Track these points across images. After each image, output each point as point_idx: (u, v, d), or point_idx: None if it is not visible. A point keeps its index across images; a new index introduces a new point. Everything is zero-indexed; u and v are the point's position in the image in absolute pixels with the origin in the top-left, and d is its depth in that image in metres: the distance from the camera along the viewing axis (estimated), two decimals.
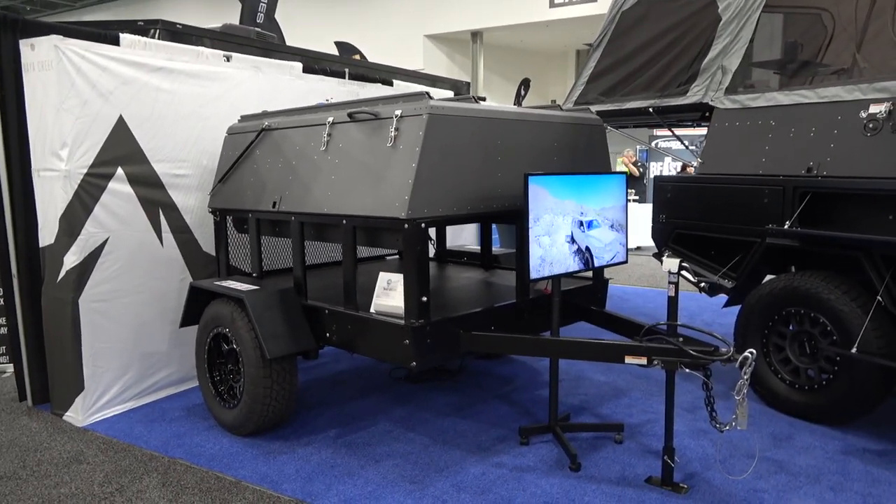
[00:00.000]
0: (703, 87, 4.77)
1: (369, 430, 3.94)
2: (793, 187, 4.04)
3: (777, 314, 4.09)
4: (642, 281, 8.94)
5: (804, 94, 4.15)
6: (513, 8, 15.07)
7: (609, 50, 5.59)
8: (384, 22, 16.76)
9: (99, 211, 4.06)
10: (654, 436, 3.81)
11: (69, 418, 4.10)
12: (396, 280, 3.34)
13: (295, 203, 3.77)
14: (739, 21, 4.60)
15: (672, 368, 3.11)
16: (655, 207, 4.95)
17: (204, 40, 5.15)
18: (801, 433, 3.83)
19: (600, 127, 4.30)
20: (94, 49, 4.02)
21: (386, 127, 3.30)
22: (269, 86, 5.03)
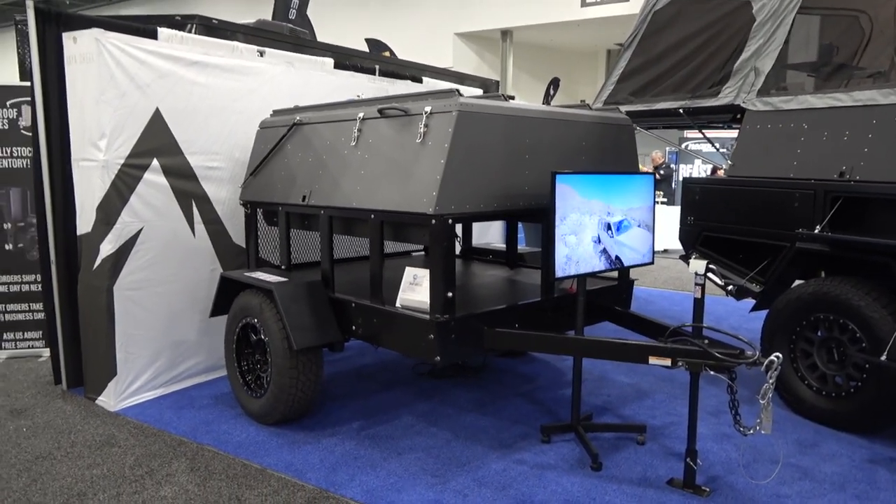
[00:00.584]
0: (735, 89, 4.72)
1: (392, 424, 3.99)
2: (824, 191, 3.99)
3: (805, 320, 4.05)
4: (669, 284, 8.87)
5: (838, 98, 4.09)
6: (544, 7, 15.00)
7: (640, 50, 5.56)
8: (414, 20, 16.80)
9: (134, 201, 4.17)
10: (677, 438, 3.80)
11: (102, 402, 4.22)
12: (422, 275, 3.38)
13: (324, 197, 3.83)
14: (774, 22, 4.55)
15: (696, 370, 3.10)
16: (683, 209, 4.92)
17: (238, 35, 5.24)
18: (828, 440, 3.79)
19: (629, 127, 4.29)
20: (133, 43, 4.12)
21: (415, 123, 3.34)
22: (301, 81, 5.10)
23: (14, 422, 3.99)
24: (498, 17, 15.81)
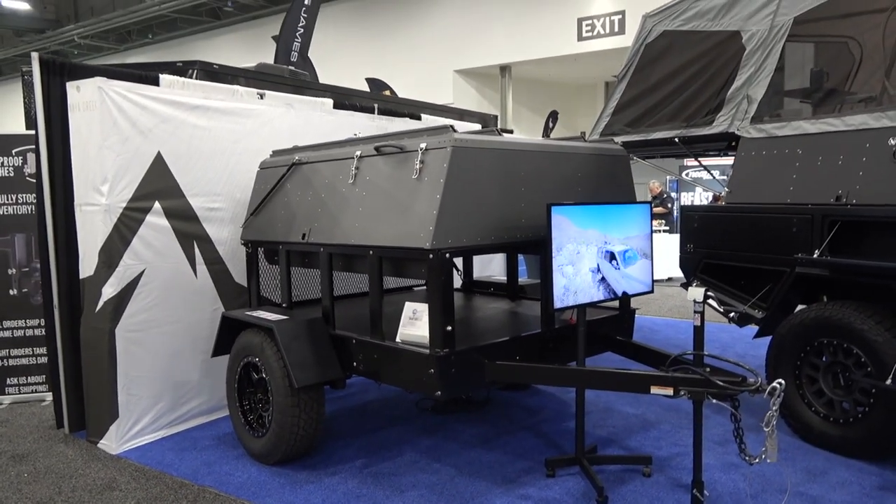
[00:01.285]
0: (728, 117, 4.77)
1: (395, 461, 3.95)
2: (822, 216, 4.00)
3: (809, 345, 4.02)
4: (673, 312, 8.83)
5: (831, 123, 4.13)
6: (541, 42, 15.26)
7: (634, 82, 5.64)
8: (415, 58, 17.11)
9: (136, 243, 4.21)
10: (683, 469, 3.74)
11: (104, 446, 4.20)
12: (422, 310, 3.39)
13: (323, 234, 3.86)
14: (764, 51, 4.62)
15: (699, 399, 3.07)
16: (683, 237, 4.93)
17: (239, 79, 5.35)
18: (837, 468, 3.73)
19: (624, 157, 4.33)
20: (135, 89, 4.21)
21: (411, 160, 3.38)
22: (301, 121, 5.19)
23: (16, 467, 3.97)
24: (496, 53, 16.09)
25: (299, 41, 10.35)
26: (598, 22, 14.49)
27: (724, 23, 4.92)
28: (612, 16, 14.25)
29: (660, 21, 5.43)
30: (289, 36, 10.30)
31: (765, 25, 4.63)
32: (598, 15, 14.47)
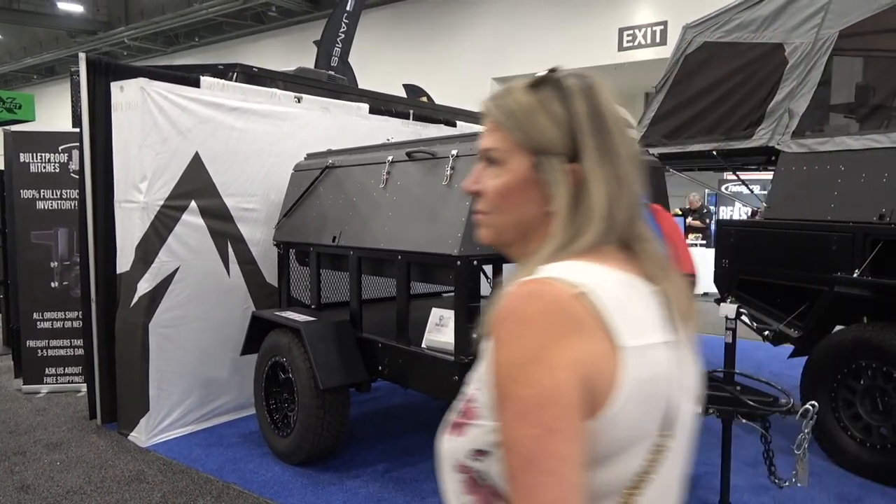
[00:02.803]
0: (769, 131, 4.68)
1: (418, 466, 3.94)
2: (863, 234, 3.88)
3: (847, 367, 3.90)
4: (707, 328, 8.62)
5: (876, 139, 4.01)
6: (581, 51, 15.19)
7: (672, 93, 5.56)
8: (453, 65, 17.18)
9: (172, 241, 4.30)
10: (711, 489, 3.65)
11: (134, 438, 4.29)
12: (448, 316, 3.38)
13: (353, 238, 3.89)
14: (807, 64, 4.52)
15: (728, 418, 3.00)
16: (718, 252, 4.84)
17: (277, 82, 5.44)
18: (873, 495, 3.60)
19: (660, 169, 4.27)
20: (176, 90, 4.31)
21: (442, 166, 3.39)
22: (336, 125, 5.24)
23: (49, 455, 4.08)
24: (536, 61, 16.02)
25: (340, 46, 10.50)
26: (640, 32, 14.36)
27: (766, 35, 4.82)
28: (654, 26, 14.11)
29: (701, 32, 5.36)
30: (330, 41, 10.45)
31: (809, 38, 4.53)
32: (640, 25, 14.34)
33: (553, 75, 0.91)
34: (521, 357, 0.73)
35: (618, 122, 0.89)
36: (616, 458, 0.75)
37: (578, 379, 0.72)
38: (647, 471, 0.78)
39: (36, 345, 5.37)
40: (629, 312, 0.78)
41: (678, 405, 0.81)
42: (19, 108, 9.64)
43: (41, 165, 5.34)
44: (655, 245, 0.89)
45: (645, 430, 0.77)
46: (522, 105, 0.89)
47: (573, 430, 0.71)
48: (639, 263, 0.86)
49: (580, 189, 0.85)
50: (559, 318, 0.74)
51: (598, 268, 0.80)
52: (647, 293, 0.84)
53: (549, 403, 0.71)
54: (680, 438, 0.82)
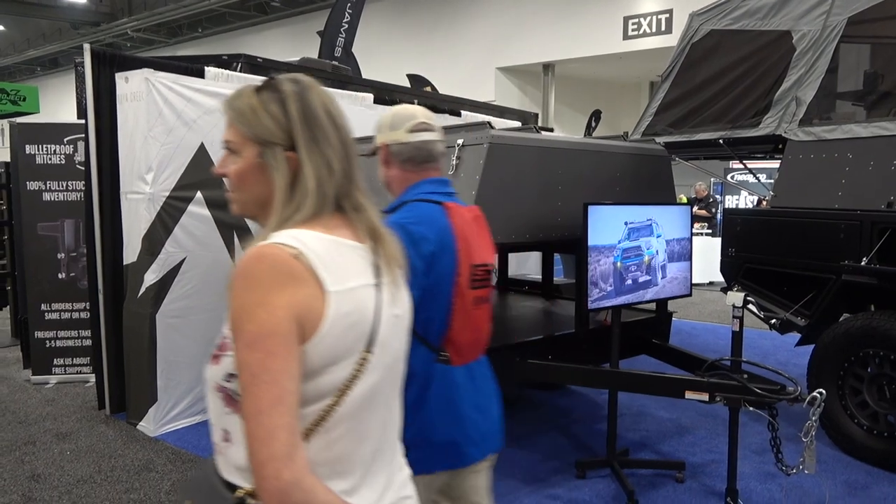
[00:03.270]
0: (776, 119, 4.64)
1: None
2: (871, 222, 3.87)
3: (854, 355, 3.89)
4: (713, 317, 8.65)
5: (885, 126, 3.99)
6: (585, 40, 15.09)
7: (678, 81, 5.52)
8: (457, 55, 17.09)
9: (178, 232, 4.31)
10: (718, 476, 3.66)
11: (142, 428, 4.32)
12: None
13: None
14: (815, 52, 4.48)
15: (735, 406, 3.00)
16: (725, 240, 4.82)
17: (282, 72, 5.41)
18: (880, 483, 3.61)
19: (666, 158, 4.25)
20: (181, 81, 4.30)
21: (448, 155, 3.38)
22: None
23: (59, 445, 4.11)
24: (540, 51, 15.97)
25: (343, 36, 10.44)
26: (645, 21, 14.25)
27: (774, 22, 4.78)
28: (660, 14, 14.00)
29: (707, 20, 5.31)
30: (333, 31, 10.40)
31: (817, 25, 4.49)
32: (645, 13, 14.24)
33: (273, 81, 1.14)
34: (250, 302, 0.98)
35: (331, 117, 1.13)
36: (328, 369, 1.02)
37: (293, 316, 0.98)
38: (354, 377, 1.05)
39: (44, 336, 5.40)
40: (335, 265, 1.05)
41: (379, 329, 1.08)
42: (23, 101, 9.66)
43: (47, 157, 5.34)
44: (369, 214, 1.15)
45: (350, 348, 1.04)
46: (249, 106, 1.11)
47: (287, 352, 0.97)
48: (352, 227, 1.13)
49: (297, 172, 1.09)
50: (279, 273, 0.99)
51: (313, 233, 1.06)
52: (353, 249, 1.11)
53: (269, 335, 0.96)
54: (381, 354, 1.09)
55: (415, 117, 1.89)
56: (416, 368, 1.73)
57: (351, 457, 1.07)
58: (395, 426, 1.20)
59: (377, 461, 1.13)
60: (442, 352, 1.82)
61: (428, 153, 1.90)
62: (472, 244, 1.85)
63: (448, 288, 1.80)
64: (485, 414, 1.90)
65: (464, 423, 1.83)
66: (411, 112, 1.92)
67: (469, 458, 1.85)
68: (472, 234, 1.88)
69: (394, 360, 1.15)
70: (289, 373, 0.96)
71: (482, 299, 1.90)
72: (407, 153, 1.89)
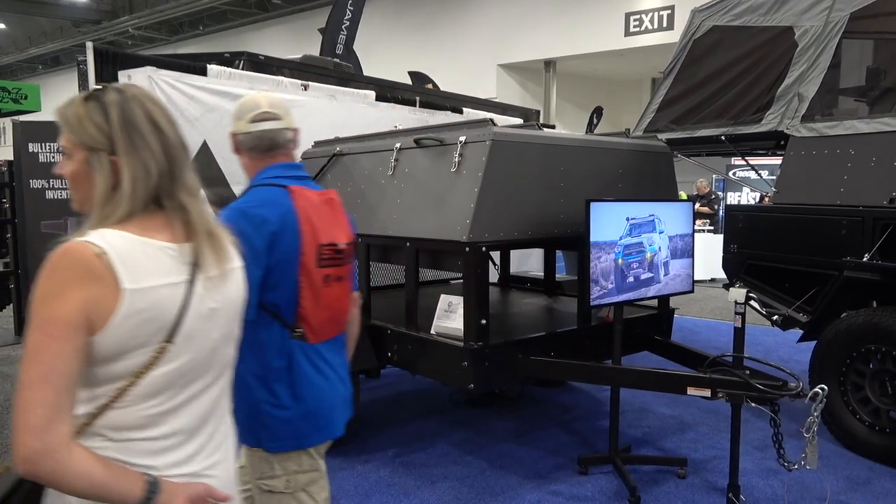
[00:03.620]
0: (778, 115, 4.65)
1: (427, 452, 3.98)
2: (873, 218, 3.87)
3: (856, 351, 3.90)
4: (715, 313, 8.65)
5: (887, 122, 3.99)
6: (587, 37, 15.07)
7: (680, 77, 5.53)
8: (458, 52, 17.07)
9: None
10: (719, 472, 3.67)
11: None
12: (457, 302, 3.39)
13: (362, 225, 3.89)
14: (817, 48, 4.48)
15: (737, 402, 3.01)
16: (727, 237, 4.83)
17: (284, 70, 5.43)
18: (882, 478, 3.61)
19: (668, 155, 4.25)
20: (184, 79, 4.31)
21: (450, 153, 3.39)
22: (343, 113, 5.23)
23: None
24: (541, 47, 15.95)
25: (345, 34, 10.44)
26: (647, 17, 14.23)
27: (776, 18, 4.78)
28: (661, 11, 13.98)
29: (709, 16, 5.31)
30: (335, 28, 10.39)
31: (819, 21, 4.49)
32: (647, 10, 14.21)
33: (98, 91, 1.23)
34: (47, 291, 1.10)
35: (153, 124, 1.23)
36: (122, 356, 1.14)
37: (82, 309, 1.09)
38: (151, 363, 1.17)
39: None
40: (136, 265, 1.15)
41: (183, 322, 1.19)
42: (25, 99, 9.66)
43: (50, 155, 5.36)
44: (192, 213, 1.24)
45: (146, 340, 1.16)
46: (75, 114, 1.21)
47: (66, 339, 1.09)
48: (171, 226, 1.22)
49: (118, 175, 1.19)
50: (79, 269, 1.11)
51: (122, 234, 1.16)
52: (162, 250, 1.20)
53: (55, 321, 1.08)
54: (186, 344, 1.20)
55: (258, 107, 1.97)
56: (272, 345, 1.84)
57: (166, 425, 1.21)
58: (218, 403, 1.33)
59: (199, 431, 1.27)
60: (296, 328, 1.90)
61: (271, 141, 1.97)
62: (318, 225, 1.93)
63: (293, 267, 1.87)
64: (341, 388, 2.01)
65: (323, 397, 1.93)
66: (256, 102, 1.99)
67: (329, 431, 1.96)
68: (319, 216, 1.95)
69: (207, 348, 1.26)
70: (62, 356, 1.08)
71: (334, 277, 1.97)
72: (250, 142, 1.97)
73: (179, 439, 1.24)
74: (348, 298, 2.06)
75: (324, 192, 2.04)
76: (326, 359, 1.96)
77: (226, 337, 1.32)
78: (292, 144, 2.04)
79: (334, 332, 2.01)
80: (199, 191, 1.29)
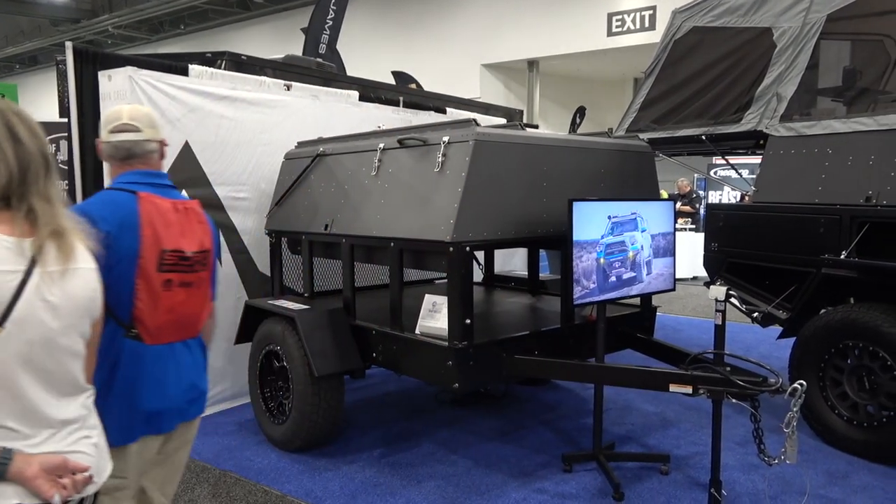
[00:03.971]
0: (757, 115, 4.71)
1: (413, 451, 3.98)
2: (850, 216, 3.94)
3: (834, 347, 3.96)
4: (697, 311, 8.74)
5: (863, 122, 4.05)
6: (569, 37, 15.14)
7: (662, 78, 5.58)
8: (442, 52, 17.08)
9: None
10: (702, 468, 3.72)
11: None
12: (441, 302, 3.40)
13: (346, 226, 3.90)
14: (795, 48, 4.54)
15: (718, 398, 3.05)
16: (708, 236, 4.89)
17: (266, 70, 5.40)
18: (860, 472, 3.68)
19: (649, 154, 4.30)
20: (165, 79, 4.28)
21: (434, 153, 3.40)
22: (326, 113, 5.22)
23: None
24: (524, 47, 16.00)
25: (328, 33, 10.41)
26: (629, 17, 14.32)
27: (755, 19, 4.85)
28: (643, 11, 14.08)
29: (690, 17, 5.37)
30: (318, 28, 10.36)
31: (797, 22, 4.55)
32: (629, 10, 14.31)
33: None
34: None
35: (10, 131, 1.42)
36: None
37: None
38: None
39: None
40: None
41: (15, 308, 1.31)
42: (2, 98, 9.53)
43: None
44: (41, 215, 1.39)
45: None
46: None
47: None
48: (13, 223, 1.37)
49: None
50: None
51: None
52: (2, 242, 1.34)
53: None
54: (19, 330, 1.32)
55: (119, 119, 2.12)
56: (104, 342, 1.86)
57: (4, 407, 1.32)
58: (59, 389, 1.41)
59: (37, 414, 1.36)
60: (132, 329, 1.96)
61: (127, 151, 2.11)
62: (162, 231, 2.01)
63: (129, 269, 1.94)
64: (178, 390, 2.08)
65: (149, 395, 2.00)
66: (118, 114, 2.13)
67: (153, 428, 2.02)
68: (166, 222, 2.03)
69: (43, 336, 1.37)
70: None
71: (177, 283, 2.04)
72: (109, 151, 2.13)
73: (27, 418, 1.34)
74: (199, 304, 2.15)
75: (182, 202, 2.12)
76: (167, 361, 2.03)
77: (67, 329, 1.41)
78: (155, 155, 2.16)
79: (179, 335, 2.09)
80: (56, 197, 1.45)
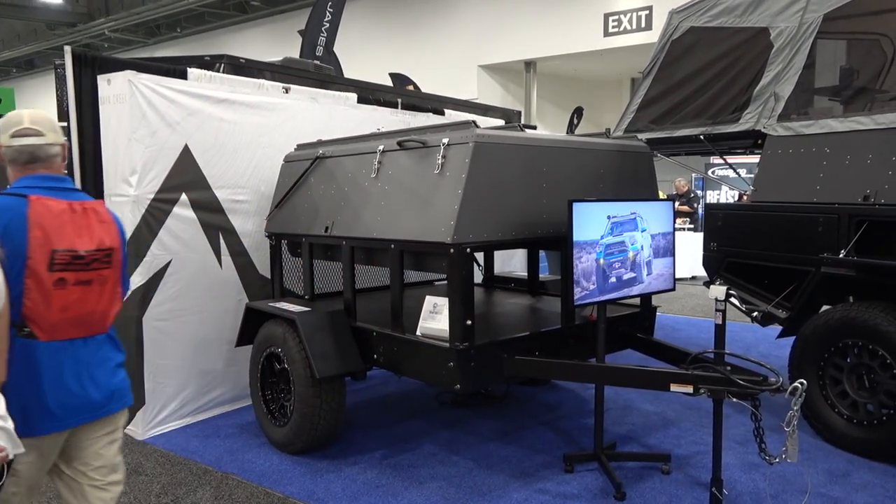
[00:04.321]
0: (755, 115, 4.72)
1: (414, 452, 3.99)
2: (848, 215, 3.95)
3: (834, 346, 3.97)
4: (696, 311, 8.75)
5: (860, 121, 4.07)
6: (566, 37, 15.15)
7: (659, 78, 5.59)
8: (439, 53, 17.08)
9: (163, 234, 4.29)
10: (703, 468, 3.73)
11: (130, 432, 4.30)
12: (442, 304, 3.41)
13: (346, 228, 3.90)
14: (792, 48, 4.56)
15: (719, 397, 3.05)
16: (706, 235, 4.90)
17: (265, 73, 5.41)
18: (860, 470, 3.69)
19: (648, 154, 4.31)
20: (164, 83, 4.28)
21: (433, 154, 3.40)
22: (325, 115, 5.23)
23: None
24: (521, 48, 16.00)
25: (325, 36, 10.41)
26: (626, 17, 14.34)
27: (752, 19, 4.86)
28: (640, 11, 14.10)
29: (687, 17, 5.38)
30: (315, 30, 10.36)
31: (794, 22, 4.57)
32: (626, 10, 14.32)
33: None
34: None
35: None
36: None
37: None
38: None
39: None
40: None
41: None
42: None
43: None
44: None
45: None
46: None
47: None
48: None
49: None
50: None
51: None
52: None
53: None
54: None
55: (20, 123, 2.12)
56: None
57: None
58: None
59: None
60: (23, 327, 1.99)
61: (30, 155, 2.11)
62: (53, 232, 2.04)
63: (18, 269, 1.97)
64: (78, 386, 2.10)
65: (43, 393, 2.02)
66: (19, 118, 2.13)
67: (48, 425, 2.05)
68: (58, 223, 2.06)
69: None
70: None
71: (73, 281, 2.07)
72: (10, 155, 2.12)
73: None
74: (101, 301, 2.16)
75: (81, 202, 2.14)
76: (63, 357, 2.06)
77: None
78: (58, 158, 2.17)
79: (80, 332, 2.12)
80: None
